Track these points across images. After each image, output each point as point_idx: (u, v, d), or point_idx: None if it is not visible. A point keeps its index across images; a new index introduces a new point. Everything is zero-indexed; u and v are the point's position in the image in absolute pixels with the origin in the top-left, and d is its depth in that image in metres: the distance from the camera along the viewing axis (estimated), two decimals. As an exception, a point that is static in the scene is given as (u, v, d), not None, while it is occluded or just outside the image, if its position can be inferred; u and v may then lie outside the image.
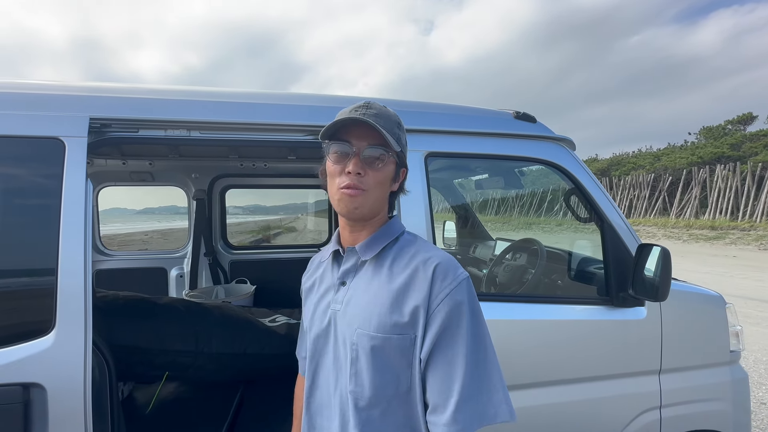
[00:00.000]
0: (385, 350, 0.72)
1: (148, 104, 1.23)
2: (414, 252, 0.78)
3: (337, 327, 0.78)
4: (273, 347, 1.83)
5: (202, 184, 2.75)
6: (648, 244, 1.45)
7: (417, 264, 0.75)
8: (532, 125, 1.56)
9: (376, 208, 0.78)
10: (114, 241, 11.17)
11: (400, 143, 0.77)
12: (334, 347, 0.79)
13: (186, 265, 2.76)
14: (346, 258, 0.81)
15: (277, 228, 16.69)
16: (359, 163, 0.73)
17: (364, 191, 0.74)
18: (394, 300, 0.73)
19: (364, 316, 0.74)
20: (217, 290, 2.70)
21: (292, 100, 1.39)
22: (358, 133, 0.74)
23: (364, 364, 0.73)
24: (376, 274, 0.77)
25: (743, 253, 11.69)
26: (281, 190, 3.34)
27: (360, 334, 0.74)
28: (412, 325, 0.72)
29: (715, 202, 16.46)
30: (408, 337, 0.72)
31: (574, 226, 2.84)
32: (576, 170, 1.56)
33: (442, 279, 0.72)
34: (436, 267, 0.73)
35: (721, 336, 1.66)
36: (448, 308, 0.71)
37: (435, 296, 0.71)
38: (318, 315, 0.83)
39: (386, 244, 0.79)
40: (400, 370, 0.73)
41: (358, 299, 0.77)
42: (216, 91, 1.35)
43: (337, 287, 0.81)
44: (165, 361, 1.56)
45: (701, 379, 1.63)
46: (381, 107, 0.77)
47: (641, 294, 1.42)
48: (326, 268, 0.87)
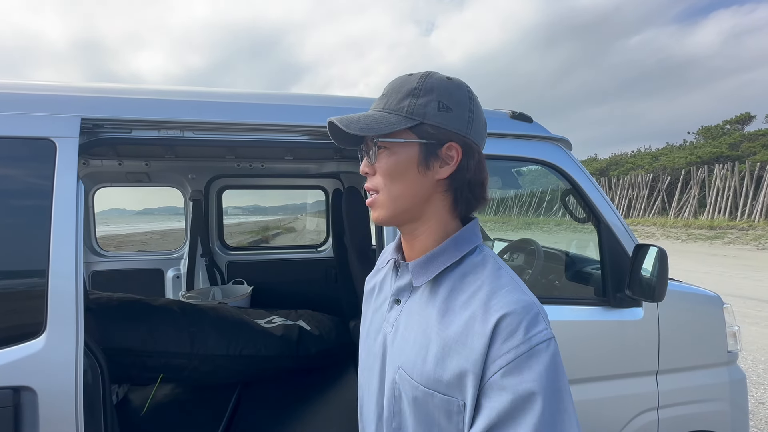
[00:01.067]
0: (428, 407, 0.56)
1: (141, 104, 1.22)
2: (478, 286, 0.57)
3: (387, 352, 0.66)
4: (269, 349, 1.83)
5: (199, 184, 2.74)
6: (645, 244, 1.45)
7: (480, 311, 0.54)
8: (528, 125, 1.55)
9: (402, 207, 0.60)
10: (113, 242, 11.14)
11: (416, 114, 0.57)
12: (381, 372, 0.67)
13: (183, 266, 2.75)
14: (402, 273, 0.66)
15: (276, 228, 16.67)
16: (367, 162, 0.63)
17: (377, 193, 0.62)
18: (442, 350, 0.55)
19: (408, 355, 0.60)
20: (214, 291, 2.69)
21: (288, 100, 1.38)
22: None
23: (407, 408, 0.60)
24: (430, 305, 0.60)
25: (742, 253, 11.71)
26: (278, 190, 3.34)
27: (402, 376, 0.60)
28: (460, 390, 0.53)
29: (713, 201, 16.48)
30: (454, 402, 0.53)
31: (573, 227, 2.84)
32: (572, 170, 1.55)
33: (506, 338, 0.50)
34: (501, 318, 0.51)
35: (719, 336, 1.65)
36: (506, 385, 0.49)
37: (491, 363, 0.50)
38: (371, 329, 0.72)
39: (446, 266, 0.60)
40: None
41: (407, 330, 0.62)
42: (210, 91, 1.34)
43: (390, 304, 0.68)
44: (159, 363, 1.55)
45: (699, 380, 1.62)
46: (398, 80, 0.62)
47: (638, 294, 1.42)
48: (386, 276, 0.73)
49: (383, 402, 0.65)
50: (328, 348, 2.06)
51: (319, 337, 2.06)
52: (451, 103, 0.58)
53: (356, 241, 1.68)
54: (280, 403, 1.80)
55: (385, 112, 0.59)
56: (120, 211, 20.77)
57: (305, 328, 2.10)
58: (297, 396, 1.86)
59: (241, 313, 2.00)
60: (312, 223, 7.80)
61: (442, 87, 0.59)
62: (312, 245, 3.13)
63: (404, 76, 0.62)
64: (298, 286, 2.85)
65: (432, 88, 0.59)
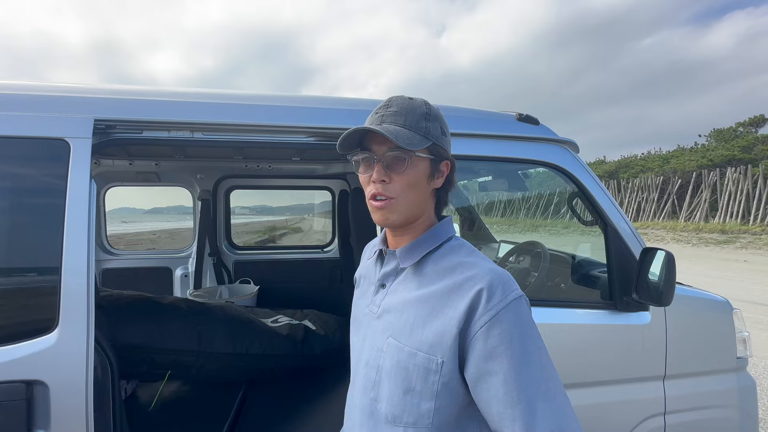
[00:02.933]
0: (409, 368, 0.67)
1: (152, 106, 1.24)
2: (457, 262, 0.71)
3: (370, 329, 0.77)
4: (275, 348, 1.84)
5: (207, 184, 2.77)
6: (652, 248, 1.44)
7: (460, 280, 0.67)
8: (534, 127, 1.55)
9: (412, 212, 0.72)
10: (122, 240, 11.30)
11: (431, 135, 0.71)
12: (361, 347, 0.78)
13: (191, 265, 2.79)
14: (388, 260, 0.78)
15: (283, 229, 16.79)
16: (382, 170, 0.70)
17: (392, 199, 0.70)
18: (428, 314, 0.68)
19: (397, 325, 0.71)
20: (221, 290, 2.72)
21: (296, 102, 1.40)
22: (378, 138, 0.71)
23: (388, 374, 0.70)
24: (414, 282, 0.73)
25: (754, 258, 11.49)
26: (285, 191, 3.36)
27: (390, 344, 0.71)
28: (440, 348, 0.65)
29: (725, 205, 16.21)
30: (434, 360, 0.65)
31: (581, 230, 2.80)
32: (579, 173, 1.55)
33: (487, 299, 0.63)
34: (481, 286, 0.65)
35: (728, 342, 1.63)
36: (490, 335, 0.62)
37: (476, 320, 0.63)
38: (358, 312, 0.83)
39: (429, 251, 0.73)
40: (422, 398, 0.66)
41: (394, 306, 0.74)
42: (219, 93, 1.36)
43: (376, 288, 0.79)
44: (167, 360, 1.58)
45: (707, 386, 1.60)
46: (404, 101, 0.72)
47: (645, 299, 1.40)
48: (371, 265, 0.84)
49: (357, 373, 0.76)
50: (332, 348, 2.07)
51: (324, 337, 2.08)
52: (445, 129, 0.75)
53: (363, 242, 1.69)
54: (286, 402, 1.82)
55: (408, 130, 0.69)
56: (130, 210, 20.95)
57: (310, 327, 2.11)
58: (301, 395, 1.87)
59: (248, 312, 2.02)
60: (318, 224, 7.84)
61: (440, 115, 0.75)
62: (318, 245, 3.15)
63: (405, 97, 0.74)
64: (303, 285, 2.87)
65: (436, 115, 0.74)
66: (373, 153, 0.71)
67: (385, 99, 0.76)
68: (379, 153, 0.71)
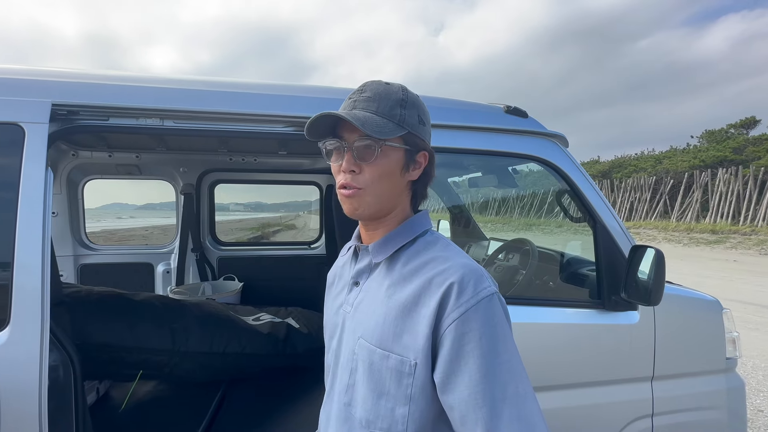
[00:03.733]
0: (381, 371, 0.64)
1: (119, 91, 1.17)
2: (430, 258, 0.66)
3: (345, 330, 0.73)
4: (255, 347, 1.78)
5: (191, 178, 2.69)
6: (641, 246, 1.39)
7: (432, 275, 0.63)
8: (523, 120, 1.50)
9: (384, 205, 0.68)
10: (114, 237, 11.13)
11: (406, 124, 0.66)
12: (336, 350, 0.74)
13: (173, 261, 2.71)
14: (361, 257, 0.74)
15: (276, 226, 16.66)
16: (352, 159, 0.65)
17: (360, 189, 0.65)
18: (400, 313, 0.64)
19: (368, 324, 0.67)
20: (204, 287, 2.65)
21: (277, 90, 1.33)
22: (349, 126, 0.65)
23: (361, 378, 0.66)
24: (387, 278, 0.69)
25: (744, 258, 11.61)
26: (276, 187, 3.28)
27: (362, 345, 0.67)
28: (414, 349, 0.61)
29: (716, 205, 16.36)
30: (407, 362, 0.61)
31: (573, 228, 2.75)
32: (568, 168, 1.50)
33: (457, 295, 0.59)
34: (452, 281, 0.61)
35: (717, 342, 1.60)
36: (457, 333, 0.58)
37: (446, 317, 0.59)
38: (331, 313, 0.79)
39: (401, 245, 0.69)
40: (397, 403, 0.62)
41: (366, 304, 0.70)
42: (192, 79, 1.29)
43: (350, 287, 0.75)
44: (139, 360, 1.51)
45: (695, 387, 1.57)
46: (379, 86, 0.67)
47: (634, 298, 1.36)
48: (345, 264, 0.81)
49: (336, 377, 0.72)
50: (316, 346, 2.01)
51: (308, 336, 2.02)
52: (424, 118, 0.70)
53: (345, 238, 1.63)
54: (266, 402, 1.76)
55: (380, 117, 0.64)
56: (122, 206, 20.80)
57: (294, 326, 2.05)
58: (283, 395, 1.81)
59: (228, 309, 1.96)
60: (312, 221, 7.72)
61: (419, 103, 0.70)
62: (305, 242, 3.08)
63: (382, 82, 0.69)
64: (289, 283, 2.81)
65: (414, 102, 0.69)
66: (344, 141, 0.66)
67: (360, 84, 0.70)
68: (349, 141, 0.66)
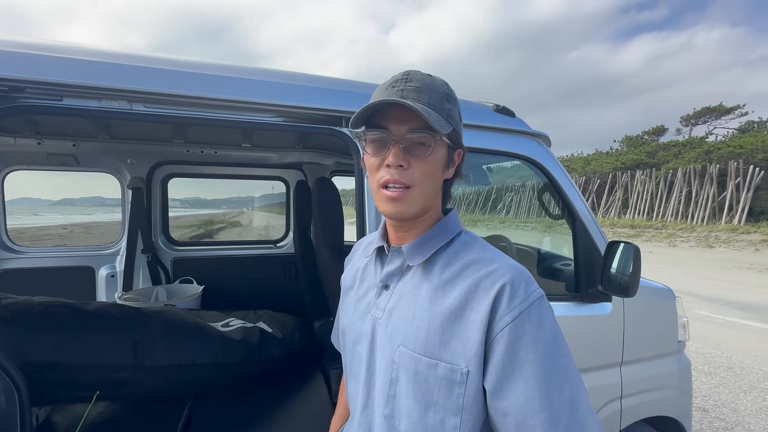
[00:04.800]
0: (429, 381, 0.59)
1: (78, 66, 0.99)
2: (472, 259, 0.63)
3: (376, 338, 0.67)
4: (227, 355, 1.64)
5: (140, 171, 2.41)
6: (617, 242, 1.49)
7: (479, 277, 0.60)
8: (510, 119, 1.53)
9: (427, 204, 0.64)
10: (24, 236, 9.78)
11: (452, 120, 0.62)
12: (369, 359, 0.68)
13: (119, 264, 2.41)
14: (391, 258, 0.69)
15: (220, 223, 15.72)
16: (400, 154, 0.60)
17: (409, 188, 0.61)
18: (447, 319, 0.60)
19: (409, 332, 0.62)
20: (158, 291, 2.39)
21: (259, 75, 1.21)
22: (398, 115, 0.60)
23: (404, 388, 0.62)
24: (426, 281, 0.64)
25: (657, 249, 13.17)
26: (217, 181, 2.99)
27: (403, 353, 0.62)
28: (464, 356, 0.58)
29: (635, 203, 18.38)
30: (458, 369, 0.58)
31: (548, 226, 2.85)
32: (551, 166, 1.56)
33: (509, 299, 0.57)
34: (503, 282, 0.58)
35: (672, 327, 1.77)
36: (511, 337, 0.56)
37: (498, 320, 0.57)
38: (356, 318, 0.73)
39: (439, 247, 0.66)
40: (447, 413, 0.59)
41: (403, 310, 0.65)
42: (171, 59, 1.13)
43: (379, 290, 0.70)
44: (95, 379, 1.31)
45: (655, 369, 1.73)
46: (425, 78, 0.62)
47: (611, 290, 1.45)
48: (369, 265, 0.75)
49: (372, 387, 0.67)
50: (292, 350, 1.91)
51: (282, 340, 1.90)
52: (461, 114, 0.68)
53: (329, 236, 1.55)
54: (240, 416, 1.62)
55: (434, 111, 0.60)
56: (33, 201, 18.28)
57: (266, 330, 1.92)
58: (259, 405, 1.69)
59: (194, 316, 1.78)
60: (260, 218, 7.37)
61: (457, 99, 0.66)
62: (270, 240, 2.91)
63: (425, 73, 0.64)
64: (255, 284, 2.64)
65: (455, 98, 0.66)
66: (389, 132, 0.61)
67: (400, 72, 0.64)
68: (397, 133, 0.61)
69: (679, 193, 16.45)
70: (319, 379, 1.90)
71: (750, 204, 14.17)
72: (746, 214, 14.11)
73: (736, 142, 17.37)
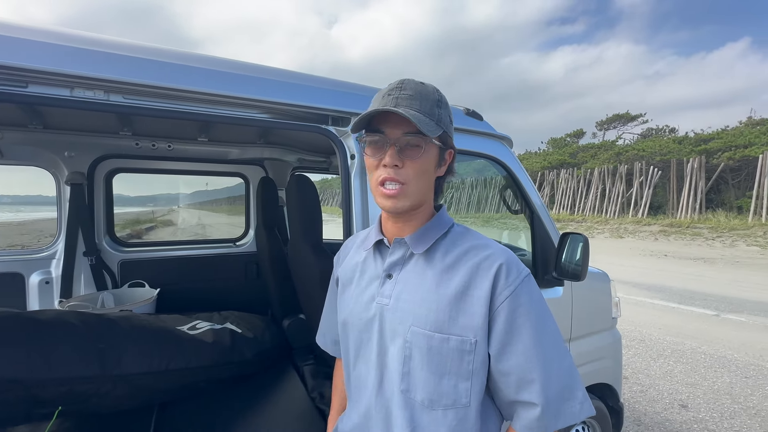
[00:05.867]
0: (442, 353, 0.68)
1: (48, 51, 0.90)
2: (469, 246, 0.74)
3: (385, 322, 0.74)
4: (201, 359, 1.57)
5: (80, 165, 2.17)
6: (569, 233, 1.69)
7: (478, 260, 0.71)
8: (479, 122, 1.65)
9: (421, 198, 0.73)
10: None
11: (442, 123, 0.71)
12: (380, 343, 0.74)
13: (55, 268, 2.16)
14: (393, 249, 0.76)
15: (149, 222, 14.44)
16: (395, 155, 0.68)
17: (403, 185, 0.69)
18: (454, 298, 0.69)
19: (419, 312, 0.70)
20: (103, 297, 2.19)
21: (245, 69, 1.18)
22: (393, 121, 0.69)
23: (419, 363, 0.69)
24: (429, 268, 0.73)
25: (579, 241, 14.69)
26: (143, 178, 2.78)
27: (415, 332, 0.69)
28: (472, 329, 0.68)
29: (560, 199, 20.29)
30: (468, 341, 0.68)
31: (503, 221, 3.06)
32: (513, 166, 1.72)
33: (506, 277, 0.68)
34: (500, 263, 0.69)
35: (608, 306, 2.05)
36: (510, 308, 0.67)
37: (498, 295, 0.68)
38: (359, 308, 0.78)
39: (438, 236, 0.75)
40: (459, 379, 0.68)
41: (411, 294, 0.72)
42: (150, 47, 1.06)
43: (382, 280, 0.76)
44: (57, 394, 1.19)
45: (595, 343, 1.99)
46: (417, 86, 0.71)
47: (564, 276, 1.65)
48: (368, 259, 0.81)
49: (385, 368, 0.74)
50: (265, 349, 1.88)
51: (254, 339, 1.87)
52: (452, 118, 0.76)
53: (310, 234, 1.56)
54: (211, 420, 1.57)
55: (425, 116, 0.68)
56: None
57: (236, 330, 1.87)
58: (232, 408, 1.65)
59: (159, 321, 1.68)
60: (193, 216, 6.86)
61: (447, 103, 0.75)
62: (229, 239, 2.79)
63: (417, 81, 0.72)
64: (215, 285, 2.52)
65: (446, 102, 0.74)
66: (386, 136, 0.69)
67: (395, 81, 0.73)
68: (392, 136, 0.69)
69: (596, 190, 18.51)
70: (292, 377, 1.90)
71: (650, 199, 16.41)
72: (648, 208, 16.31)
73: (640, 145, 19.97)
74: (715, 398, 3.10)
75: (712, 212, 14.84)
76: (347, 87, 1.32)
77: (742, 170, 15.48)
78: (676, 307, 5.70)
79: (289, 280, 2.04)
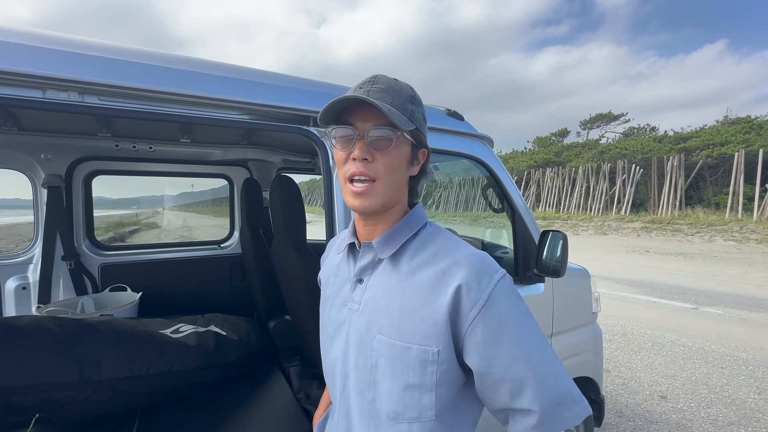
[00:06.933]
0: (404, 362, 0.64)
1: (19, 51, 0.89)
2: (437, 249, 0.68)
3: (352, 329, 0.71)
4: (184, 362, 1.56)
5: (57, 167, 2.13)
6: (549, 230, 1.73)
7: (444, 267, 0.65)
8: (460, 122, 1.68)
9: (392, 198, 0.69)
10: None
11: (415, 120, 0.67)
12: (345, 349, 0.72)
13: (32, 274, 2.11)
14: (363, 253, 0.73)
15: (133, 225, 14.13)
16: (365, 147, 0.64)
17: (373, 182, 0.65)
18: (416, 305, 0.65)
19: (384, 320, 0.67)
20: (84, 302, 2.14)
21: (226, 71, 1.18)
22: (363, 113, 0.65)
23: (383, 373, 0.66)
24: (395, 272, 0.69)
25: (564, 238, 14.95)
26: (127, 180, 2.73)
27: (380, 341, 0.67)
28: (435, 338, 0.63)
29: (546, 197, 20.60)
30: (429, 350, 0.63)
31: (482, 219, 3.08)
32: (495, 165, 1.75)
33: (476, 284, 0.62)
34: (468, 270, 0.63)
35: (588, 301, 2.10)
36: (488, 317, 0.61)
37: (470, 306, 0.61)
38: (334, 312, 0.76)
39: (406, 239, 0.70)
40: (423, 391, 0.64)
41: (377, 301, 0.69)
42: (127, 48, 1.05)
43: (353, 284, 0.73)
44: (35, 401, 1.17)
45: (576, 338, 2.03)
46: (390, 81, 0.68)
47: (544, 272, 1.69)
48: (342, 261, 0.78)
49: (347, 377, 0.71)
50: (250, 351, 1.87)
51: (239, 342, 1.86)
52: (425, 117, 0.73)
53: (294, 235, 1.56)
54: (198, 424, 1.56)
55: (396, 110, 0.65)
56: None
57: (221, 333, 1.86)
58: (217, 411, 1.64)
59: (141, 325, 1.65)
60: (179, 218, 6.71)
61: (421, 102, 0.72)
62: (214, 241, 2.76)
63: (390, 77, 0.69)
64: (200, 287, 2.49)
65: (420, 100, 0.71)
66: (356, 128, 0.66)
67: (368, 76, 0.70)
68: (362, 129, 0.65)
69: (580, 188, 18.85)
70: (278, 378, 1.89)
71: (633, 197, 16.79)
72: (630, 206, 16.70)
73: (622, 144, 20.42)
74: (693, 389, 3.20)
75: (691, 209, 15.30)
76: (328, 88, 1.33)
77: (719, 168, 16.00)
78: (657, 301, 5.86)
79: (274, 281, 2.03)
